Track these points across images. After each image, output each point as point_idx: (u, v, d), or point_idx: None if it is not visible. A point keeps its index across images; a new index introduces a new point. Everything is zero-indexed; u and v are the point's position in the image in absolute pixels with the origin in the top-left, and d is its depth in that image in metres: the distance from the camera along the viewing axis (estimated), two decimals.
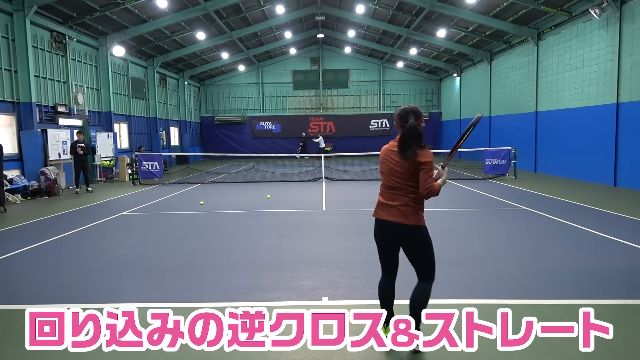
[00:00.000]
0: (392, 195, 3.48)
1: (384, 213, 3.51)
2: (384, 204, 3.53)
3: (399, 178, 3.43)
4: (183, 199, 12.93)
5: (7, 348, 3.80)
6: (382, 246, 3.65)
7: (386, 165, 3.51)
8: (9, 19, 14.26)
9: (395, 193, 3.46)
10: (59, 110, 16.49)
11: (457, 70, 29.06)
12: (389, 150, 3.51)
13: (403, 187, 3.43)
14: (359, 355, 3.56)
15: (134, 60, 23.42)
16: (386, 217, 3.49)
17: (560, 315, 4.30)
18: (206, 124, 34.50)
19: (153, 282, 5.50)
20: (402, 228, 3.43)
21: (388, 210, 3.48)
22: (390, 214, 3.46)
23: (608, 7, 13.76)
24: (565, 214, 9.41)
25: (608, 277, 5.36)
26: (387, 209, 3.49)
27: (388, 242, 3.58)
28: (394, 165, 3.44)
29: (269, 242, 7.46)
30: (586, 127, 15.27)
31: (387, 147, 3.55)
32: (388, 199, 3.50)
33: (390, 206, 3.47)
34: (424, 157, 3.35)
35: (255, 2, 21.81)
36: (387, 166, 3.50)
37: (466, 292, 4.97)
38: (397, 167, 3.42)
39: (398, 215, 3.43)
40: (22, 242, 7.58)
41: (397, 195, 3.45)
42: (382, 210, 3.53)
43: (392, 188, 3.49)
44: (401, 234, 3.46)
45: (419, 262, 3.57)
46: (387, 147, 3.56)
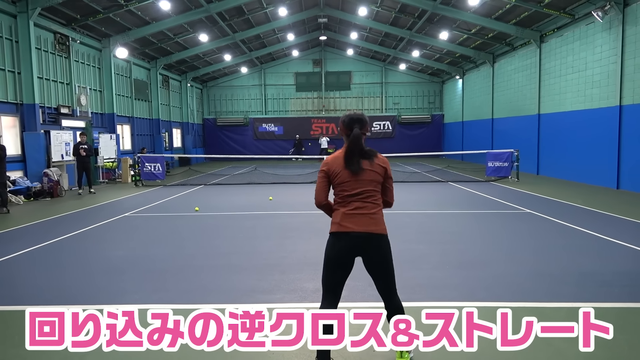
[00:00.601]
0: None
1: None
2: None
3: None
4: (185, 200, 12.94)
5: (9, 349, 3.81)
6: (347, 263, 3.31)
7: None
8: (13, 21, 14.32)
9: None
10: (62, 111, 16.54)
11: (459, 72, 29.05)
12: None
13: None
14: (360, 355, 3.56)
15: (136, 62, 23.49)
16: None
17: (562, 318, 4.28)
18: (208, 125, 34.56)
19: (155, 283, 5.50)
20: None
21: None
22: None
23: (611, 9, 13.74)
24: (568, 216, 9.38)
25: (610, 280, 5.35)
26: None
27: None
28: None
29: (271, 243, 7.46)
30: (589, 129, 15.24)
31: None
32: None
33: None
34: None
35: (258, 4, 21.86)
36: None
37: (468, 294, 4.96)
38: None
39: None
40: (24, 244, 7.60)
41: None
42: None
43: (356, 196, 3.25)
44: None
45: (386, 275, 3.37)
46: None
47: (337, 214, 3.26)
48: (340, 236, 3.20)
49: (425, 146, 31.89)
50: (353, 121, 3.28)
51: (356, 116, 3.31)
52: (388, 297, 3.31)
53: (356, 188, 3.19)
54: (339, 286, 3.28)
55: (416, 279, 5.48)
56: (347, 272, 3.28)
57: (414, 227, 8.73)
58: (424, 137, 33.57)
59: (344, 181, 3.20)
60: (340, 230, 3.19)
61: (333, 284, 3.27)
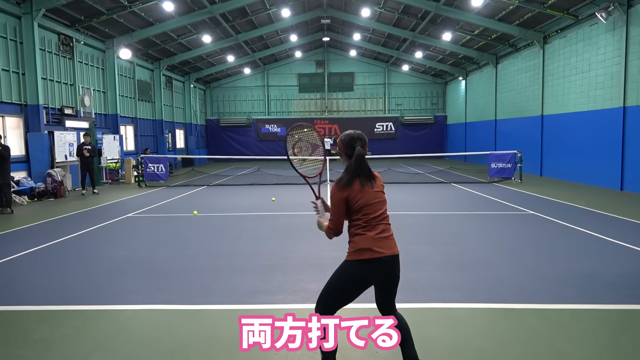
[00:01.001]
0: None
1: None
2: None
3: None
4: (188, 201, 12.96)
5: (13, 349, 3.82)
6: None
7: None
8: (17, 22, 14.38)
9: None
10: (65, 112, 16.60)
11: (462, 73, 29.01)
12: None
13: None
14: (360, 355, 3.56)
15: (140, 63, 23.56)
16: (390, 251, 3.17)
17: (566, 320, 4.27)
18: (211, 126, 34.62)
19: (158, 284, 5.51)
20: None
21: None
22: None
23: (614, 10, 13.71)
24: (571, 218, 9.35)
25: (614, 281, 5.33)
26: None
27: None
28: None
29: (274, 244, 7.46)
30: (592, 131, 15.19)
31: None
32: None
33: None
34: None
35: (261, 5, 21.89)
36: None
37: (471, 296, 4.95)
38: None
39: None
40: (28, 244, 7.63)
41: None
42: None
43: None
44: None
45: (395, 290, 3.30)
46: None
47: (364, 240, 3.05)
48: (373, 262, 3.07)
49: (428, 147, 31.87)
50: (354, 140, 3.18)
51: (357, 135, 3.21)
52: (389, 311, 3.24)
53: (378, 210, 3.09)
54: (342, 306, 3.20)
55: (419, 281, 5.47)
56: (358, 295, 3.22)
57: (416, 228, 8.72)
58: (427, 138, 33.55)
59: (368, 204, 3.06)
60: (373, 257, 3.05)
61: (339, 306, 3.18)
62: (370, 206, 3.07)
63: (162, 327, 4.24)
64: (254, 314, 3.41)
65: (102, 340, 3.96)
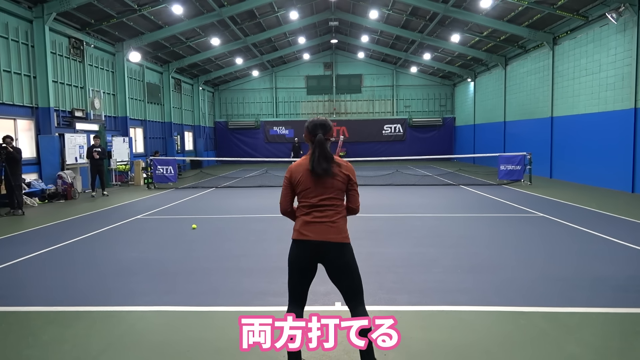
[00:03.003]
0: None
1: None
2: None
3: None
4: (197, 203, 13.02)
5: (23, 350, 3.86)
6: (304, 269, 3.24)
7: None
8: (29, 26, 14.56)
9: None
10: (76, 115, 16.76)
11: (471, 75, 28.89)
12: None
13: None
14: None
15: (149, 65, 23.73)
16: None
17: (576, 323, 4.23)
18: (220, 128, 34.77)
19: (166, 285, 5.53)
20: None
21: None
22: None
23: (625, 11, 13.58)
24: (581, 220, 9.26)
25: (625, 284, 5.26)
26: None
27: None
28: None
29: (282, 246, 7.45)
30: (603, 132, 15.04)
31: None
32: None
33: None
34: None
35: (269, 8, 21.97)
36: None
37: (480, 299, 4.91)
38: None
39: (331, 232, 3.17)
40: (38, 245, 7.70)
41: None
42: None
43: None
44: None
45: (351, 282, 3.23)
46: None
47: (298, 221, 3.23)
48: (300, 244, 3.17)
49: (437, 149, 31.76)
50: (316, 127, 3.24)
51: (319, 122, 3.27)
52: (353, 306, 3.19)
53: (317, 195, 3.15)
54: (303, 292, 3.25)
55: (427, 283, 5.45)
56: (310, 279, 3.24)
57: (425, 230, 8.69)
58: (435, 140, 33.43)
59: (306, 188, 3.16)
60: (300, 238, 3.16)
61: (297, 290, 3.24)
62: (309, 190, 3.16)
63: (171, 329, 4.25)
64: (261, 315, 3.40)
65: (111, 341, 3.99)
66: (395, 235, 8.26)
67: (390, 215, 10.40)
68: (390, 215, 10.40)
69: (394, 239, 7.94)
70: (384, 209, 11.26)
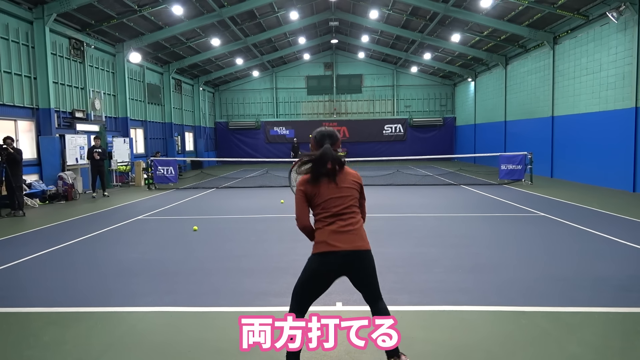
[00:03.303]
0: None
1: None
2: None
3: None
4: (197, 203, 13.02)
5: (25, 350, 3.85)
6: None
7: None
8: (29, 27, 14.57)
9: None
10: (76, 116, 16.77)
11: (471, 75, 28.88)
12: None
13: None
14: (368, 356, 3.54)
15: (149, 66, 23.74)
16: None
17: (578, 323, 4.22)
18: (220, 129, 34.79)
19: (167, 286, 5.53)
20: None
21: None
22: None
23: (626, 10, 13.57)
24: (582, 220, 9.25)
25: (627, 284, 5.25)
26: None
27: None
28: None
29: (283, 247, 7.46)
30: (604, 131, 15.03)
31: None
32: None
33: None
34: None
35: (269, 8, 21.98)
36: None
37: (481, 298, 4.90)
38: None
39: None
40: (39, 246, 7.70)
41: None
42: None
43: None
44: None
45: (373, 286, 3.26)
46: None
47: (322, 233, 3.09)
48: (328, 255, 3.07)
49: (437, 149, 31.75)
50: (324, 137, 3.21)
51: (327, 132, 3.23)
52: (374, 303, 3.22)
53: (339, 205, 3.10)
54: (312, 301, 3.22)
55: (428, 283, 5.44)
56: (325, 290, 3.22)
57: (426, 230, 8.68)
58: (436, 140, 33.42)
59: (326, 199, 3.10)
60: (328, 250, 3.05)
61: (307, 299, 3.19)
62: (330, 201, 3.09)
63: (172, 329, 4.25)
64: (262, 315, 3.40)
65: (111, 342, 3.98)
66: (396, 235, 8.25)
67: (391, 215, 10.39)
68: (391, 215, 10.39)
69: (395, 239, 7.94)
70: (385, 209, 11.25)
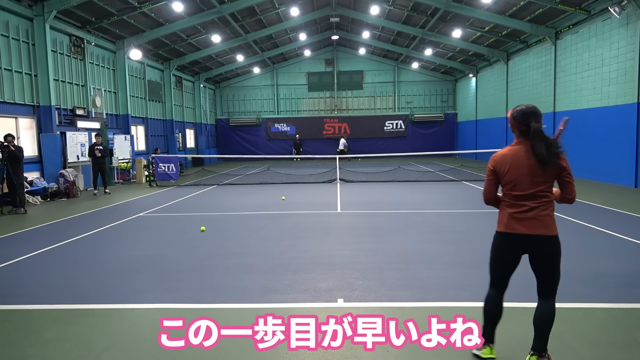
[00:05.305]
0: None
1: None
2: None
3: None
4: (198, 200, 13.02)
5: (27, 348, 3.86)
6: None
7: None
8: (30, 24, 14.55)
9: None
10: (77, 113, 16.76)
11: (472, 70, 28.79)
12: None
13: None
14: (373, 355, 3.54)
15: (150, 63, 23.71)
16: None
17: (579, 319, 4.21)
18: (221, 126, 34.77)
19: (168, 283, 5.53)
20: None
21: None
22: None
23: (628, 5, 13.50)
24: (584, 215, 9.23)
25: (629, 280, 5.24)
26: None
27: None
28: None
29: (284, 243, 7.46)
30: (606, 127, 14.99)
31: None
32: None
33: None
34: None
35: (270, 4, 21.91)
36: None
37: (483, 294, 4.88)
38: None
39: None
40: (40, 243, 7.71)
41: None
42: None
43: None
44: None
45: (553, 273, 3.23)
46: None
47: (504, 214, 3.19)
48: (507, 237, 3.17)
49: (439, 145, 31.70)
50: (528, 115, 3.11)
51: (530, 110, 3.13)
52: (543, 297, 3.26)
53: (528, 189, 3.08)
54: (505, 278, 3.36)
55: (429, 279, 5.43)
56: (513, 269, 3.30)
57: (427, 226, 8.67)
58: (437, 136, 33.37)
59: (516, 179, 3.09)
60: (508, 231, 3.16)
61: (498, 276, 3.37)
62: (520, 182, 3.08)
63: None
64: (264, 313, 3.40)
65: (113, 338, 3.99)
66: (398, 232, 8.25)
67: (393, 211, 10.38)
68: (392, 211, 10.38)
69: (397, 235, 7.93)
70: (386, 205, 11.25)
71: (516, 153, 3.11)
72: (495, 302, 3.36)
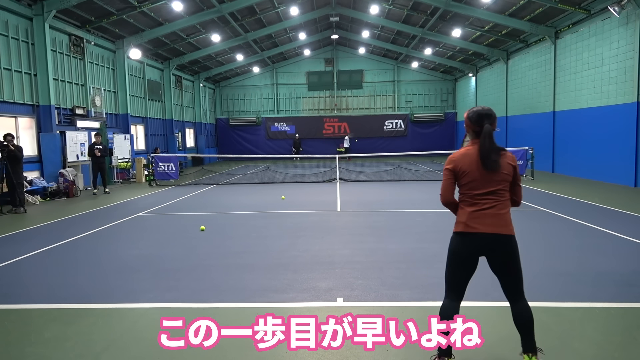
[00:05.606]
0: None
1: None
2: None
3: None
4: (198, 200, 13.02)
5: (27, 347, 3.86)
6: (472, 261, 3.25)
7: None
8: (29, 24, 14.53)
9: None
10: (77, 112, 16.75)
11: (472, 70, 28.79)
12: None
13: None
14: (373, 355, 3.54)
15: (150, 62, 23.69)
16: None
17: (579, 318, 4.21)
18: (221, 125, 34.75)
19: (168, 282, 5.53)
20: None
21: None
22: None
23: (628, 4, 13.50)
24: (584, 215, 9.23)
25: (628, 279, 5.24)
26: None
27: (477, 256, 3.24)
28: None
29: (283, 243, 7.46)
30: (605, 126, 14.99)
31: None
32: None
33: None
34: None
35: (269, 4, 21.90)
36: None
37: (482, 294, 4.90)
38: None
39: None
40: (40, 243, 7.71)
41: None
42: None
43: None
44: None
45: (516, 271, 3.21)
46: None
47: (462, 213, 3.19)
48: (466, 236, 3.15)
49: (438, 145, 31.68)
50: (482, 117, 3.12)
51: (485, 111, 3.14)
52: (513, 299, 3.23)
53: (486, 187, 3.10)
54: (462, 284, 3.28)
55: (429, 278, 5.43)
56: (471, 272, 3.25)
57: (427, 226, 8.67)
58: (437, 135, 33.36)
59: (473, 180, 3.11)
60: (466, 231, 3.14)
61: (456, 281, 3.28)
62: (477, 182, 3.10)
63: None
64: (264, 312, 3.40)
65: (113, 338, 3.99)
66: (397, 231, 8.25)
67: (392, 211, 10.38)
68: (392, 211, 10.38)
69: (396, 235, 7.93)
70: (386, 204, 11.25)
71: (473, 153, 3.13)
72: (451, 315, 3.18)
